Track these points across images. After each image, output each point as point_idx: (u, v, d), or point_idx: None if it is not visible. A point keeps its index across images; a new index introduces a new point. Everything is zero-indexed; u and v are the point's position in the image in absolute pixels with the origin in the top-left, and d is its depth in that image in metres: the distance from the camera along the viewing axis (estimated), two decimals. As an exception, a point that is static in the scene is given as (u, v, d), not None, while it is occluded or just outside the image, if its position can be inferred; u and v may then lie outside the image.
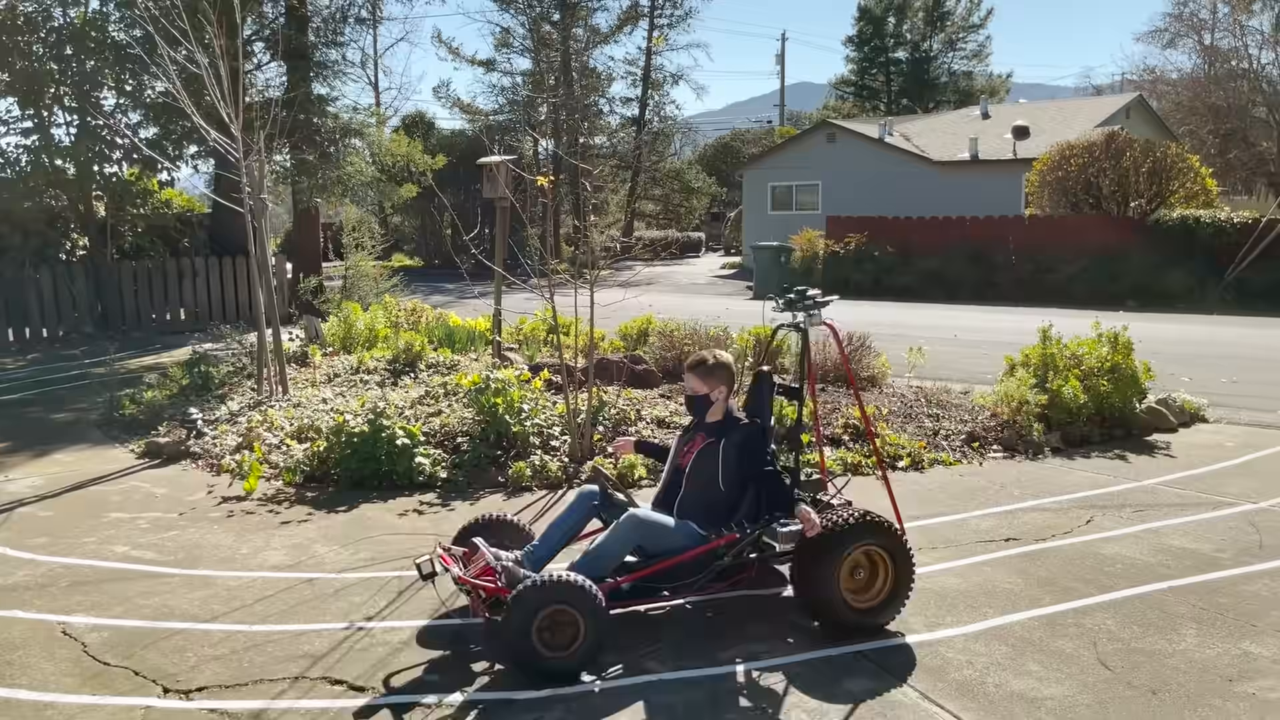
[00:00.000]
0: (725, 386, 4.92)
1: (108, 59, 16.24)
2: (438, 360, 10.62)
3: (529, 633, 4.02)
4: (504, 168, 10.56)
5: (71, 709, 3.93)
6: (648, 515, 4.58)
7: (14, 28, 15.95)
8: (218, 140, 9.24)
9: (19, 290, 16.30)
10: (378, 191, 22.10)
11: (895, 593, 4.56)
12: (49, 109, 16.51)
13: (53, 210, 17.48)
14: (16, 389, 11.91)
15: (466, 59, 41.72)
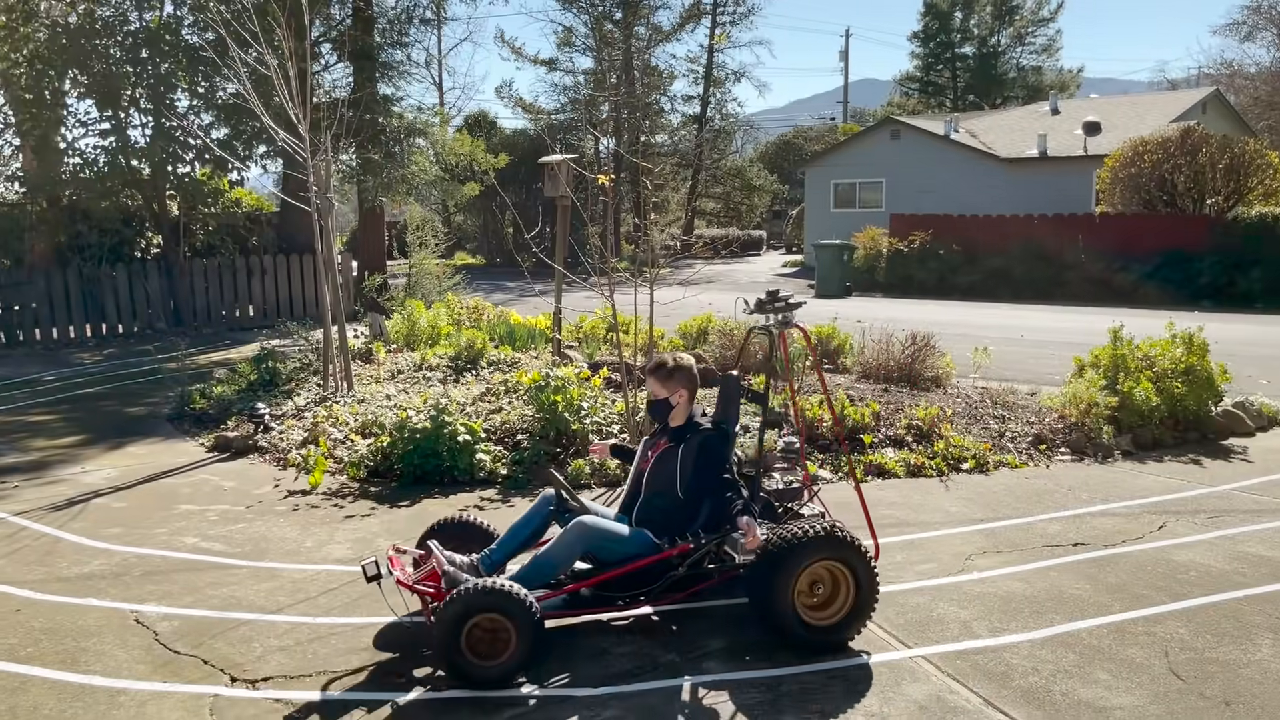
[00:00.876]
0: (686, 390, 4.79)
1: (181, 61, 16.64)
2: (499, 358, 10.71)
3: (459, 638, 3.96)
4: (565, 166, 10.60)
5: (143, 695, 4.03)
6: (594, 522, 4.46)
7: (92, 31, 16.43)
8: (286, 140, 9.42)
9: (96, 287, 16.81)
10: (441, 190, 22.33)
11: (856, 611, 4.34)
12: (125, 111, 16.96)
13: (128, 209, 17.98)
14: (94, 383, 12.27)
15: (529, 58, 41.99)
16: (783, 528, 4.41)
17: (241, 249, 19.26)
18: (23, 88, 16.73)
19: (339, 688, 4.08)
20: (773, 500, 5.03)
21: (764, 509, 4.93)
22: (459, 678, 4.02)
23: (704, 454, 4.63)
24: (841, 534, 4.34)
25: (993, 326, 16.07)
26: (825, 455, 7.56)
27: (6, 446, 8.69)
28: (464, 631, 3.96)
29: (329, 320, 9.95)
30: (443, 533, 4.89)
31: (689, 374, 4.80)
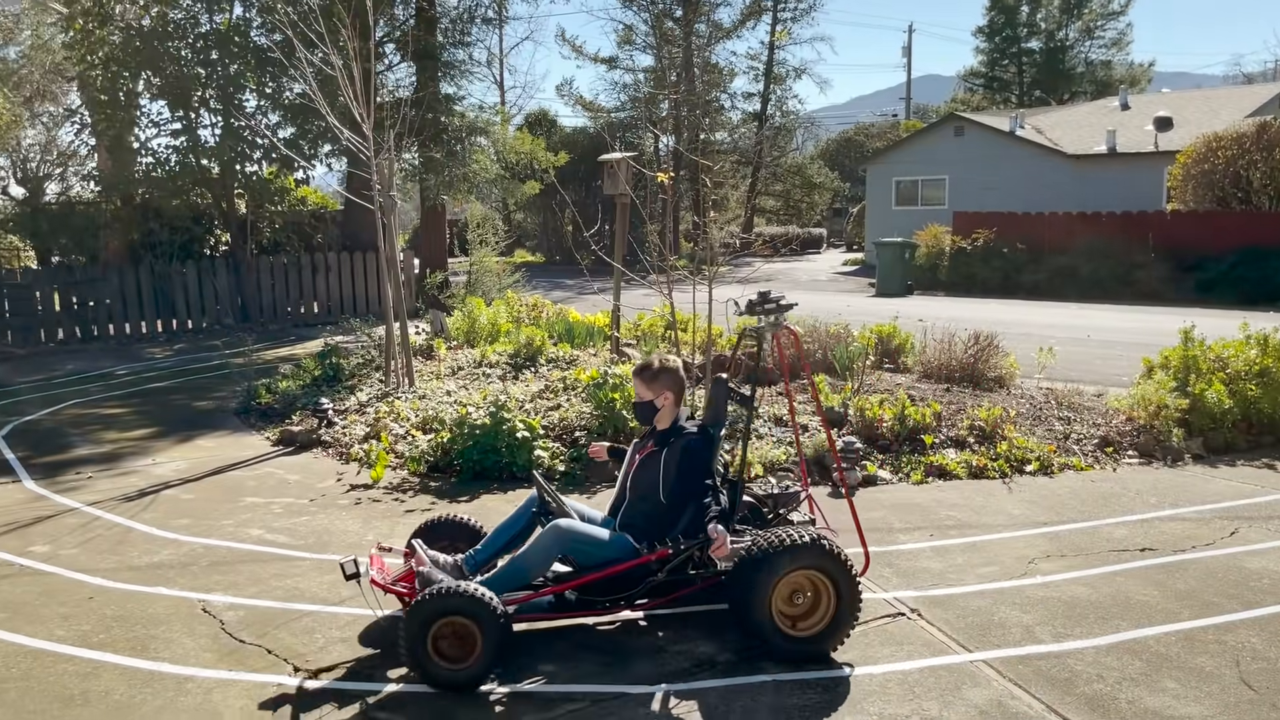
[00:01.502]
0: (671, 393, 4.71)
1: (250, 62, 17.00)
2: (557, 355, 10.76)
3: (424, 641, 3.94)
4: (625, 164, 10.62)
5: (209, 683, 4.12)
6: (570, 526, 4.41)
7: (164, 34, 16.85)
8: (350, 139, 9.56)
9: (167, 284, 17.25)
10: (501, 188, 22.52)
11: (837, 621, 4.23)
12: (196, 111, 17.37)
13: (198, 208, 18.42)
14: (164, 377, 12.59)
15: (589, 56, 42.12)
16: (762, 535, 4.30)
17: (306, 246, 19.62)
18: (98, 89, 17.22)
19: (400, 679, 4.13)
20: (761, 505, 4.92)
21: (753, 514, 4.84)
22: (427, 680, 4.00)
23: (687, 458, 4.55)
24: (823, 543, 4.21)
25: (1058, 326, 15.75)
26: (885, 456, 7.47)
27: (81, 438, 8.96)
28: (430, 634, 3.95)
29: (391, 317, 10.09)
30: (433, 532, 4.91)
31: (674, 376, 4.73)
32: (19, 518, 6.44)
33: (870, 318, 12.60)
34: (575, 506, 4.78)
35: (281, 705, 3.94)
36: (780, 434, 7.82)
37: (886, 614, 4.78)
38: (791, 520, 4.86)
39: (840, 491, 6.80)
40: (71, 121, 21.45)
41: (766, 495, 4.99)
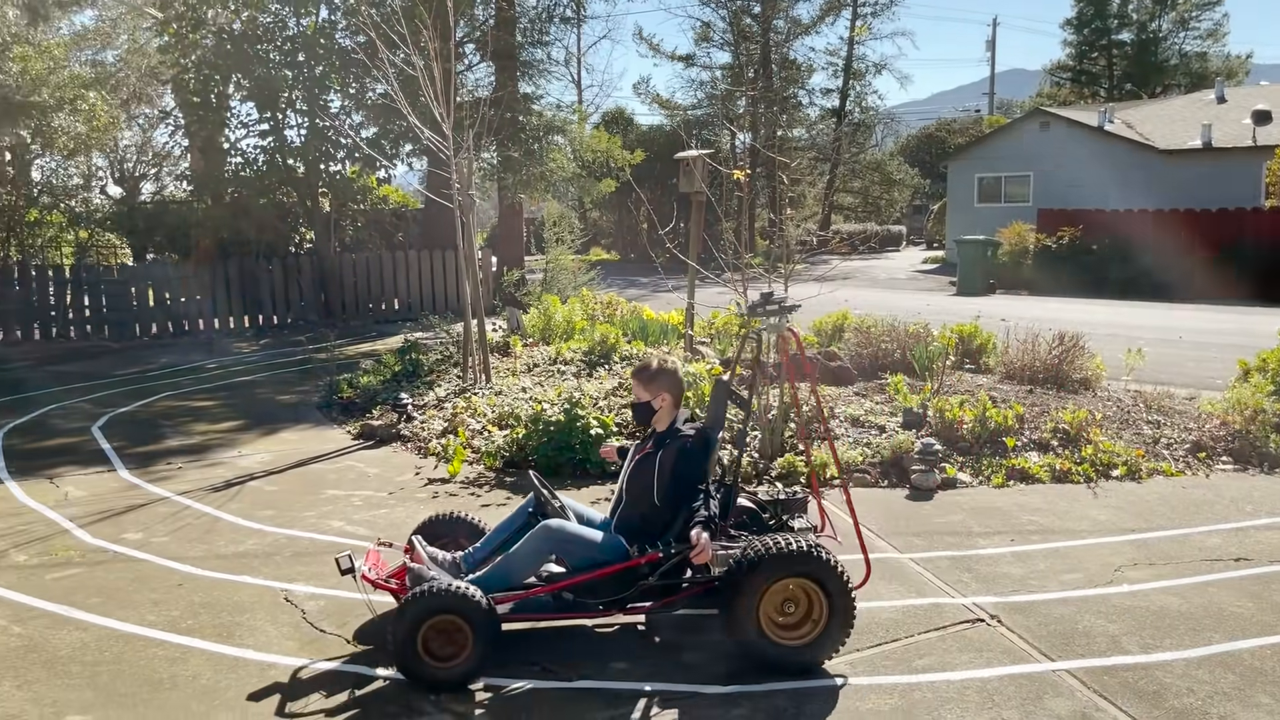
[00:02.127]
0: (669, 394, 4.66)
1: (334, 64, 17.37)
2: (631, 353, 10.78)
3: (414, 639, 3.94)
4: (701, 162, 10.58)
5: (291, 670, 4.22)
6: (560, 526, 4.39)
7: (254, 37, 17.31)
8: (430, 139, 9.70)
9: (254, 280, 17.73)
10: (578, 187, 22.64)
11: (829, 631, 4.12)
12: (283, 112, 17.81)
13: (284, 206, 18.89)
14: (250, 371, 12.95)
15: (666, 54, 42.09)
16: (752, 542, 4.20)
17: (388, 244, 19.98)
18: (191, 92, 17.78)
19: (473, 672, 4.18)
20: (761, 511, 4.81)
21: (752, 519, 4.75)
22: (414, 678, 4.01)
23: (682, 461, 4.46)
24: (815, 551, 4.10)
25: (1148, 327, 15.26)
26: (965, 458, 7.32)
27: (172, 430, 9.26)
28: (420, 632, 3.95)
29: (469, 314, 10.22)
30: (435, 528, 4.93)
31: (672, 377, 4.70)
32: (113, 505, 6.67)
33: (950, 317, 12.37)
34: (575, 507, 4.74)
35: (360, 695, 4.01)
36: (856, 435, 7.72)
37: (965, 619, 4.68)
38: (792, 526, 4.72)
39: (914, 494, 6.70)
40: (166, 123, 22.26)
41: (770, 500, 4.89)
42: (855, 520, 4.67)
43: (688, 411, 4.85)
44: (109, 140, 23.49)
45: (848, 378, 9.61)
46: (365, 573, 4.37)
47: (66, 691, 4.05)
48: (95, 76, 22.44)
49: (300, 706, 3.93)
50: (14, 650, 4.42)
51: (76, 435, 9.03)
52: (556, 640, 4.50)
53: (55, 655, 4.37)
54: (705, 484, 4.48)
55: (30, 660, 4.33)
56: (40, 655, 4.38)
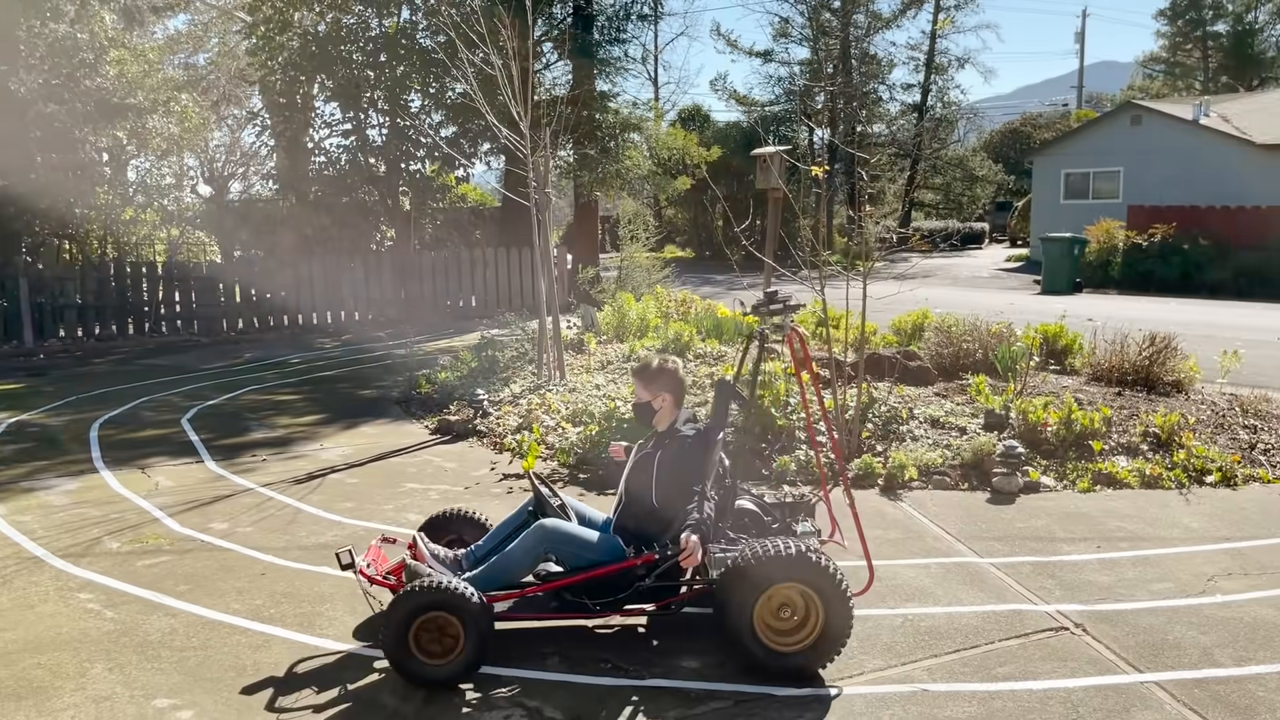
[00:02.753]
0: (669, 394, 4.60)
1: (415, 64, 17.64)
2: (705, 350, 10.73)
3: (405, 635, 3.94)
4: (778, 158, 10.49)
5: (368, 659, 4.28)
6: (555, 526, 4.35)
7: (338, 38, 17.68)
8: (508, 137, 9.78)
9: (336, 277, 18.11)
10: (653, 184, 22.65)
11: (824, 639, 4.02)
12: (365, 111, 18.17)
13: (365, 205, 19.26)
14: (332, 366, 13.22)
15: (744, 50, 41.91)
16: (750, 546, 4.12)
17: (465, 242, 20.24)
18: (277, 93, 18.25)
19: (544, 667, 4.20)
20: (765, 514, 4.70)
21: (754, 522, 4.65)
22: (405, 675, 4.00)
23: (679, 461, 4.41)
24: (811, 556, 4.00)
25: (1245, 328, 14.68)
26: (1049, 462, 7.12)
27: (257, 423, 9.49)
28: (412, 629, 3.95)
29: (544, 311, 10.28)
30: (441, 525, 4.93)
31: (673, 377, 4.63)
32: (201, 496, 6.87)
33: (1035, 316, 12.06)
34: (578, 507, 4.72)
35: (436, 686, 4.05)
36: (936, 436, 7.57)
37: (1048, 628, 4.55)
38: (795, 530, 4.65)
39: (995, 498, 6.54)
40: (253, 124, 22.82)
41: (775, 503, 4.81)
42: (859, 525, 4.60)
43: (690, 411, 4.82)
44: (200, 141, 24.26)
45: (927, 378, 9.44)
46: (364, 568, 4.39)
47: (156, 675, 4.17)
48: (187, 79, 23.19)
49: (376, 695, 3.98)
50: (107, 634, 4.57)
51: (167, 427, 9.31)
52: (625, 638, 4.49)
53: (146, 640, 4.51)
54: (703, 485, 4.38)
55: (122, 644, 4.47)
56: (131, 639, 4.52)
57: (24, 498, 6.91)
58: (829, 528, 4.91)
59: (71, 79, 16.59)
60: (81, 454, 8.22)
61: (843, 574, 4.05)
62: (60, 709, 3.90)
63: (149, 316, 17.04)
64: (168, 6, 21.36)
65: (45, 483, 7.32)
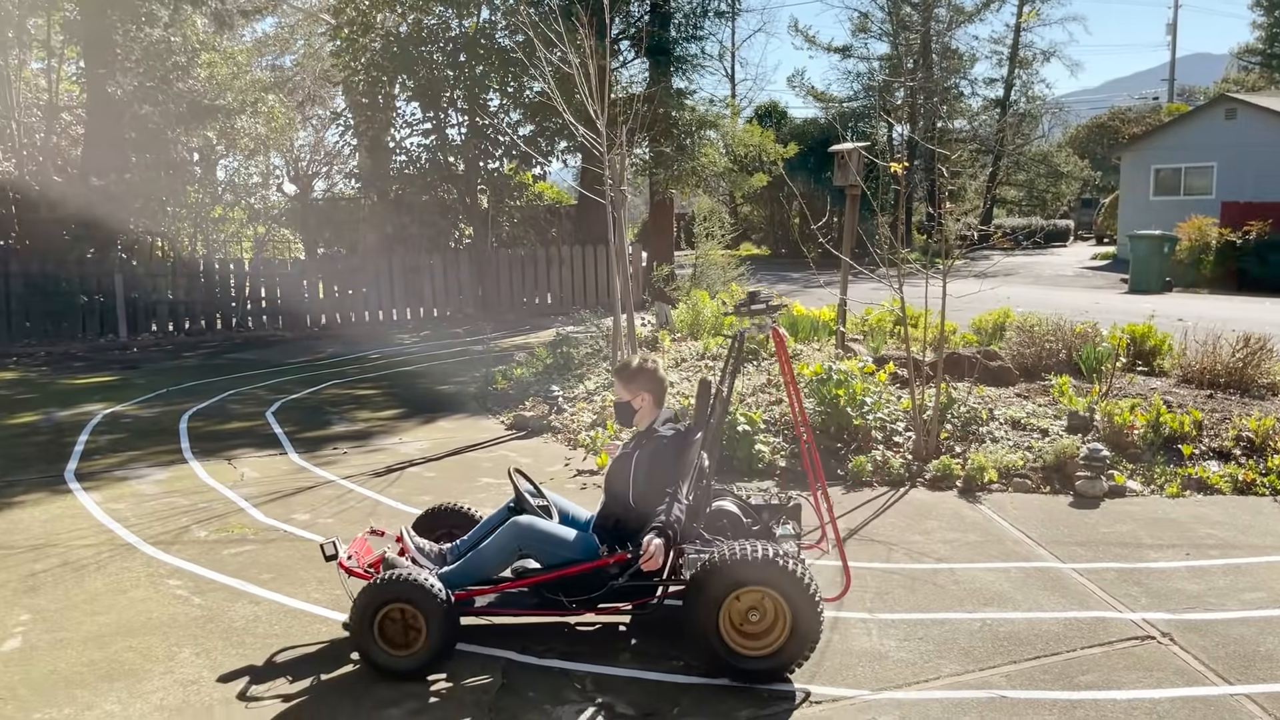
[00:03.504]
0: (648, 394, 4.62)
1: (493, 64, 17.86)
2: (781, 349, 10.65)
3: (371, 625, 4.03)
4: (856, 155, 10.37)
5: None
6: (530, 523, 4.36)
7: (419, 39, 17.98)
8: (585, 136, 9.83)
9: (416, 274, 18.43)
10: (729, 181, 22.57)
11: (791, 644, 3.95)
12: (445, 111, 18.44)
13: (445, 203, 19.56)
14: (412, 362, 13.46)
15: (822, 46, 41.47)
16: (718, 549, 4.06)
17: (542, 240, 20.42)
18: (360, 93, 18.63)
19: (616, 663, 4.22)
20: (745, 516, 4.61)
21: (732, 524, 4.56)
22: (370, 664, 4.10)
23: (655, 461, 4.40)
24: (781, 561, 3.92)
25: (1346, 329, 14.05)
26: (1135, 466, 6.91)
27: (338, 417, 9.71)
28: (377, 619, 4.04)
29: (619, 309, 10.32)
30: (433, 519, 4.97)
31: (652, 377, 4.63)
32: (284, 487, 7.05)
33: (1121, 316, 11.72)
34: (562, 505, 4.73)
35: (508, 680, 4.10)
36: (1017, 438, 7.40)
37: (1133, 636, 4.42)
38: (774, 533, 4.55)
39: (1079, 502, 6.37)
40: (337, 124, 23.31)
41: (758, 505, 4.74)
42: (836, 530, 4.56)
43: (670, 412, 4.80)
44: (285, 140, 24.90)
45: (1008, 378, 9.23)
46: (344, 560, 4.45)
47: (240, 661, 4.29)
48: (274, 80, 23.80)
49: (448, 685, 4.04)
50: (195, 620, 4.72)
51: (252, 419, 9.58)
52: (701, 636, 4.47)
53: (231, 626, 4.65)
54: (675, 487, 4.32)
55: (209, 630, 4.61)
56: (218, 625, 4.66)
57: (118, 486, 7.17)
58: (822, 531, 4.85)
59: (165, 81, 17.16)
60: (171, 445, 8.51)
61: (812, 579, 3.99)
62: (150, 691, 4.04)
63: (236, 312, 17.54)
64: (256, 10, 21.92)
65: (137, 472, 7.59)
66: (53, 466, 7.81)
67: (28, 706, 3.93)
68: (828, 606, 4.37)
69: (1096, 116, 51.95)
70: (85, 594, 5.06)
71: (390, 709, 3.87)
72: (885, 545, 5.61)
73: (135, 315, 16.53)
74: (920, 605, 4.75)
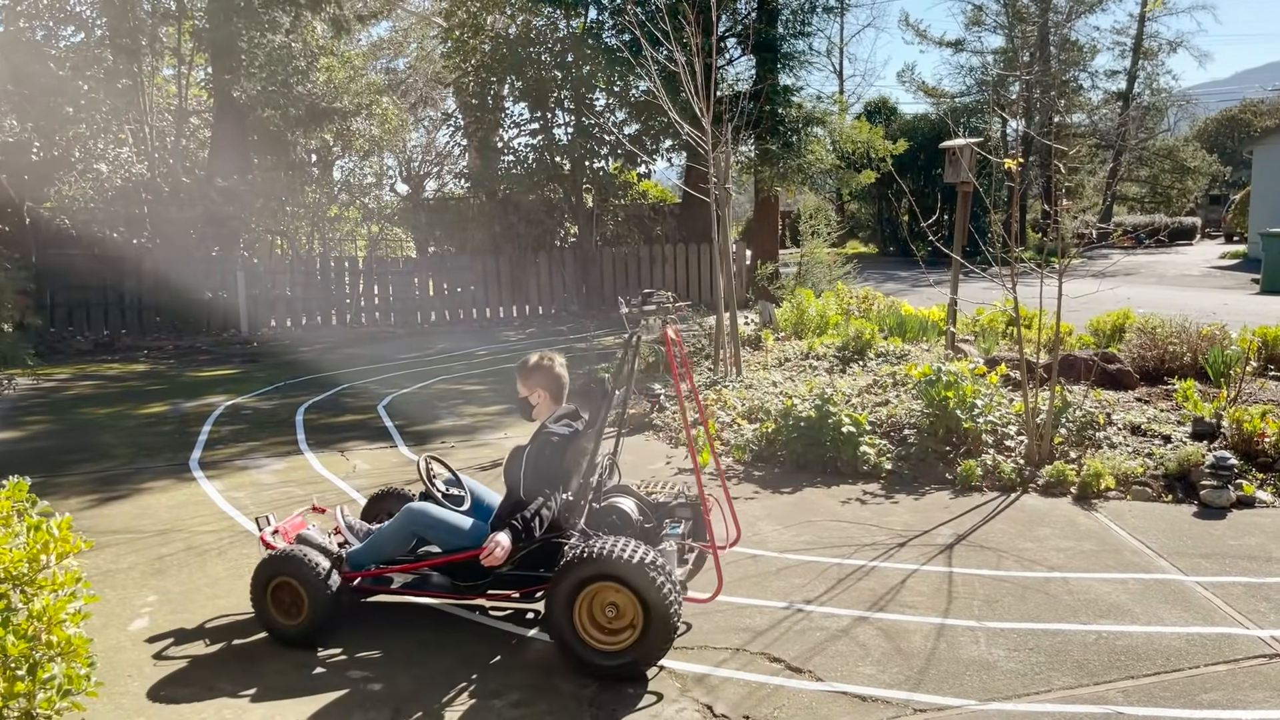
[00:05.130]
0: (543, 390, 4.78)
1: (600, 63, 17.99)
2: (887, 349, 10.47)
3: (264, 594, 4.43)
4: (968, 150, 10.11)
5: (546, 646, 4.39)
6: (422, 509, 4.59)
7: (527, 40, 18.24)
8: (689, 134, 9.82)
9: (522, 272, 18.71)
10: (836, 179, 22.26)
11: (644, 640, 3.98)
12: (551, 111, 18.66)
13: (551, 202, 19.81)
14: (517, 358, 13.64)
15: (934, 40, 40.65)
16: (577, 545, 4.18)
17: (645, 238, 20.50)
18: (470, 94, 18.99)
19: (717, 663, 4.19)
20: (639, 515, 4.74)
21: (622, 521, 4.69)
22: (266, 629, 4.49)
23: (540, 458, 4.53)
24: (636, 558, 3.96)
25: None
26: (1266, 475, 6.55)
27: (446, 411, 9.92)
28: (269, 589, 4.42)
29: (722, 307, 10.28)
30: (380, 501, 5.32)
31: (548, 374, 4.79)
32: (393, 479, 7.23)
33: (1252, 318, 11.15)
34: (479, 492, 4.96)
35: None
36: (1136, 444, 7.10)
37: (1261, 654, 4.19)
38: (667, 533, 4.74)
39: (1203, 512, 6.08)
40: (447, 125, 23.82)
41: (654, 505, 4.87)
42: (709, 530, 4.59)
43: (572, 409, 4.86)
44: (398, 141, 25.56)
45: (1128, 382, 8.88)
46: (264, 534, 4.77)
47: (352, 645, 4.42)
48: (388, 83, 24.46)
49: (550, 679, 4.08)
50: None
51: (364, 413, 9.86)
52: (804, 639, 4.42)
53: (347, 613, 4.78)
54: (557, 483, 4.50)
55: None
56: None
57: (238, 475, 7.47)
58: (734, 532, 5.11)
59: (285, 86, 17.80)
60: (288, 436, 8.82)
61: (668, 578, 4.00)
62: (267, 672, 4.20)
63: (350, 308, 18.09)
64: (372, 15, 22.60)
65: (256, 462, 7.89)
66: (178, 455, 8.19)
67: (153, 683, 4.12)
68: (927, 614, 4.27)
69: (1226, 109, 49.58)
70: (208, 578, 5.29)
71: (494, 700, 3.94)
72: (995, 552, 5.45)
73: (255, 311, 17.19)
74: (1031, 615, 4.60)
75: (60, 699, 2.47)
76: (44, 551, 2.68)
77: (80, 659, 2.59)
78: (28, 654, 2.46)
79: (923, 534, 5.77)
